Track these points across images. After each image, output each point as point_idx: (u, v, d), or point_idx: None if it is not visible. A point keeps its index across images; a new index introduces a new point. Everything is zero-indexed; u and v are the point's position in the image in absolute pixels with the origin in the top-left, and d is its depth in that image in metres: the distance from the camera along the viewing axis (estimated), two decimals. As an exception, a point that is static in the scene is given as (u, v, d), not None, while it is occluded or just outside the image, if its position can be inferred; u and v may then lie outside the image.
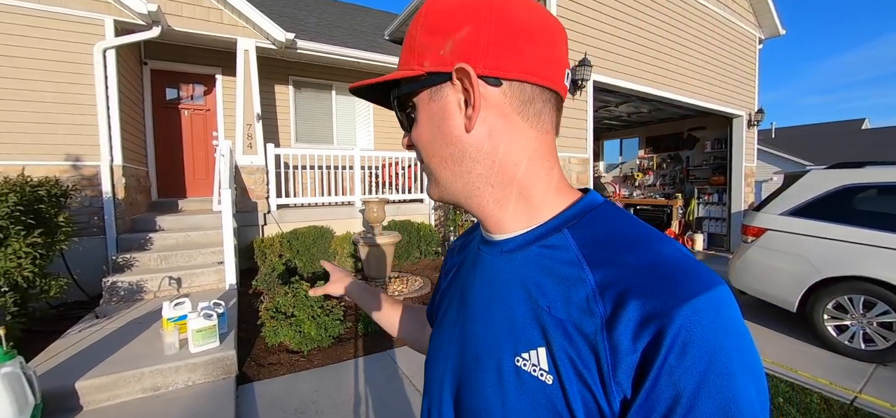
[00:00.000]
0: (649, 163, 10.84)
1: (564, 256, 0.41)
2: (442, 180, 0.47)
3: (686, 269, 0.36)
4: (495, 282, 0.46)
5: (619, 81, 5.40)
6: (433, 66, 0.43)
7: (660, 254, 0.37)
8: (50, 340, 3.28)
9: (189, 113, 6.68)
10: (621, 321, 0.35)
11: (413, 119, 0.47)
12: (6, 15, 4.32)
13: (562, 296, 0.39)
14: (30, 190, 3.30)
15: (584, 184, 5.21)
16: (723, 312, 0.34)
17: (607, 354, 0.35)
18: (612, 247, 0.40)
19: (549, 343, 0.39)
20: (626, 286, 0.36)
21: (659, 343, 0.33)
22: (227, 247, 4.49)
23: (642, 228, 0.41)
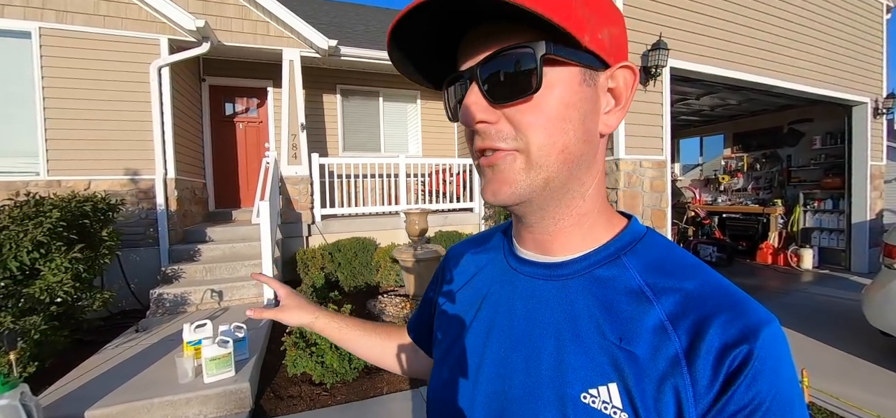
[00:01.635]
0: (738, 163, 9.33)
1: (627, 285, 0.40)
2: (554, 180, 0.39)
3: (745, 297, 0.37)
4: (544, 308, 0.42)
5: (703, 67, 4.48)
6: (594, 45, 0.36)
7: (717, 281, 0.38)
8: (94, 350, 3.32)
9: (243, 125, 6.87)
10: (701, 352, 0.34)
11: (532, 89, 0.36)
12: (73, 40, 4.61)
13: (632, 328, 0.37)
14: (76, 205, 3.36)
15: (658, 191, 4.38)
16: (785, 343, 0.35)
17: (689, 388, 0.34)
18: (672, 274, 0.39)
19: (623, 378, 0.36)
20: (698, 315, 0.36)
21: (740, 370, 0.33)
22: (265, 260, 4.37)
23: (688, 255, 0.41)
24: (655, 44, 4.01)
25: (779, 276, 6.76)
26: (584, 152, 0.39)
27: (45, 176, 4.55)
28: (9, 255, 2.91)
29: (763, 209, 8.27)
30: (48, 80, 4.55)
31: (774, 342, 0.34)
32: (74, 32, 4.61)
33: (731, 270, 7.14)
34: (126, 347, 3.29)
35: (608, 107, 0.40)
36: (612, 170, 4.19)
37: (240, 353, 2.90)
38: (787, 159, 8.39)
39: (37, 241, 2.97)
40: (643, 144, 4.23)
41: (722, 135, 9.72)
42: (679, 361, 0.35)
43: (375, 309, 4.62)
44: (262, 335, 3.50)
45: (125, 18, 4.77)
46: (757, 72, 4.98)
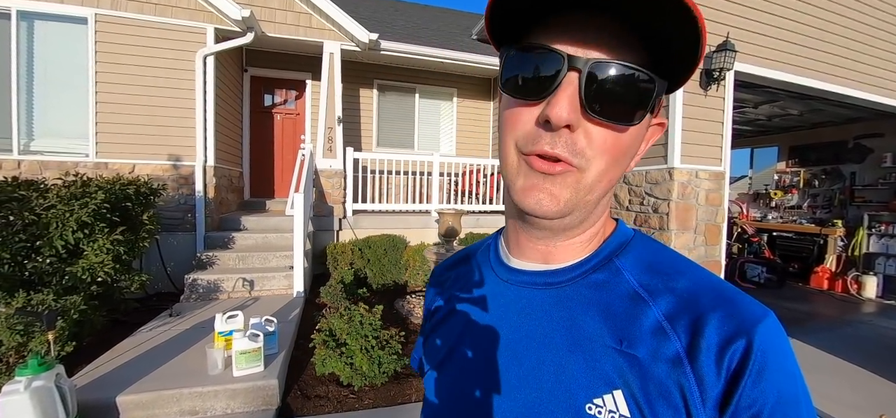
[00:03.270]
0: (793, 178, 8.66)
1: (621, 289, 0.39)
2: (591, 204, 0.39)
3: (739, 292, 0.37)
4: (544, 318, 0.41)
5: (771, 72, 4.09)
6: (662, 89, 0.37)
7: (708, 278, 0.38)
8: (129, 331, 3.36)
9: (281, 117, 6.94)
10: (702, 349, 0.34)
11: (628, 117, 0.35)
12: (125, 26, 4.74)
13: (631, 330, 0.37)
14: (119, 188, 3.41)
15: (714, 205, 4.04)
16: (785, 337, 0.35)
17: (694, 388, 0.33)
18: (663, 274, 0.39)
19: (627, 383, 0.35)
20: (695, 312, 0.35)
21: (743, 366, 0.33)
22: (297, 252, 4.34)
23: (676, 254, 0.41)
24: (721, 45, 3.67)
25: (836, 304, 6.19)
26: (615, 183, 0.40)
27: (93, 158, 4.70)
28: (55, 234, 2.97)
29: (820, 229, 7.62)
30: (101, 64, 4.69)
31: (774, 335, 0.34)
32: (127, 19, 4.74)
33: (781, 294, 6.61)
34: (159, 331, 3.31)
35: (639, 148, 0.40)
36: (664, 180, 3.89)
37: (269, 347, 2.84)
38: (850, 176, 7.70)
39: (82, 222, 3.02)
40: (700, 153, 3.90)
41: (776, 147, 9.06)
42: (681, 360, 0.34)
43: (403, 309, 4.50)
44: (291, 329, 3.45)
45: (175, 7, 4.87)
46: (829, 80, 4.53)
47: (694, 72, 0.34)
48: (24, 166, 4.53)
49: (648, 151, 2.83)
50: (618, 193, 4.46)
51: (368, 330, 2.80)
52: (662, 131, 0.42)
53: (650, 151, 4.05)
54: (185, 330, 3.35)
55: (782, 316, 4.69)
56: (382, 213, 6.13)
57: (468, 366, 0.45)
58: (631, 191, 4.33)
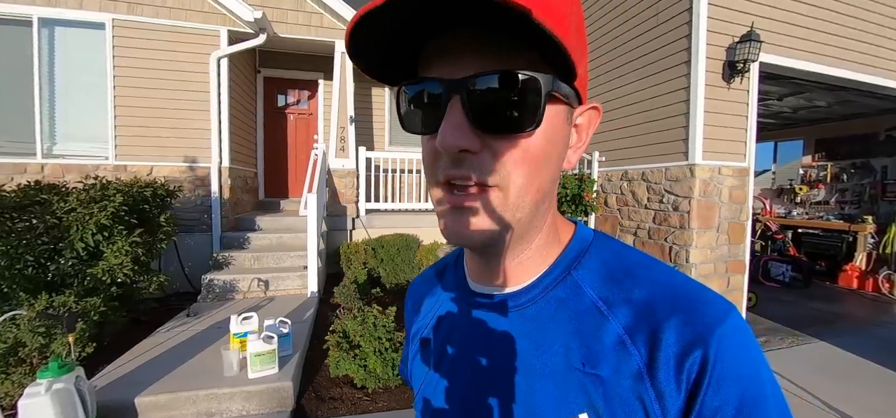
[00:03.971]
0: (820, 173, 8.34)
1: (581, 304, 0.38)
2: (525, 219, 0.36)
3: (700, 295, 0.35)
4: (508, 343, 0.40)
5: (798, 63, 3.91)
6: (580, 81, 0.34)
7: (667, 282, 0.36)
8: (148, 331, 3.42)
9: (294, 117, 6.98)
10: (661, 363, 0.33)
11: (524, 123, 0.32)
12: (141, 31, 4.81)
13: (593, 349, 0.35)
14: (137, 190, 3.46)
15: (739, 202, 3.89)
16: (745, 336, 0.33)
17: (654, 402, 0.33)
18: (620, 284, 0.37)
19: (593, 404, 0.34)
20: (651, 325, 0.34)
21: (700, 377, 0.32)
22: (311, 253, 4.36)
23: (636, 255, 0.39)
24: (745, 35, 3.52)
25: (867, 304, 5.94)
26: (551, 190, 0.38)
27: (113, 160, 4.80)
28: (75, 237, 3.02)
29: (849, 226, 7.31)
30: (119, 68, 4.78)
31: (733, 337, 0.33)
32: (143, 24, 4.81)
33: (808, 293, 6.37)
34: (177, 332, 3.35)
35: (572, 142, 0.38)
36: (685, 176, 3.76)
37: (283, 349, 2.84)
38: (881, 171, 7.36)
39: (101, 224, 3.07)
40: (723, 149, 3.76)
41: (801, 140, 8.74)
42: (642, 376, 0.33)
43: (417, 309, 4.47)
44: (305, 330, 3.46)
45: (189, 10, 4.92)
46: (861, 69, 4.31)
47: (570, 63, 0.30)
48: (47, 169, 4.65)
49: (667, 148, 2.81)
50: (635, 191, 4.35)
51: (382, 332, 2.77)
52: (599, 114, 0.39)
53: (669, 147, 3.92)
54: (202, 330, 3.38)
55: (810, 318, 4.44)
56: (395, 213, 6.12)
57: (441, 396, 0.44)
58: (650, 188, 4.20)
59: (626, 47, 4.46)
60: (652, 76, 4.11)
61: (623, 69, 4.53)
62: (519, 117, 0.32)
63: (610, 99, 4.77)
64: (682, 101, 3.77)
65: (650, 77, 4.13)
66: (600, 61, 4.97)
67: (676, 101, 3.83)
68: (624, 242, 0.42)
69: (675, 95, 3.85)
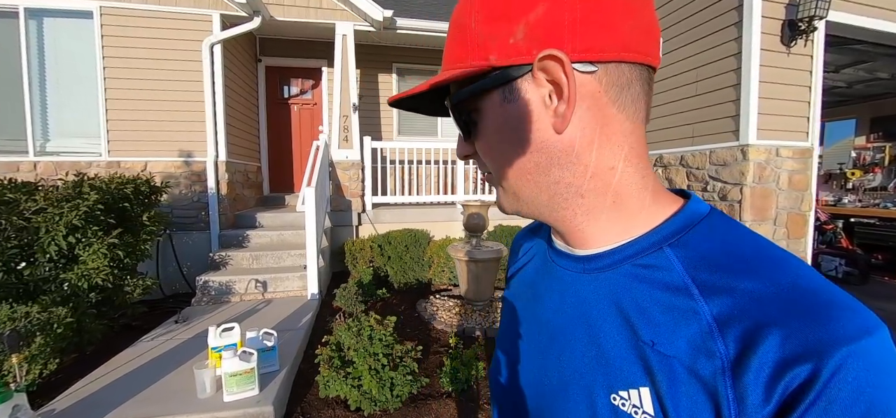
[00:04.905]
0: (877, 155, 7.49)
1: (667, 280, 0.34)
2: (523, 195, 0.40)
3: (834, 302, 0.28)
4: (578, 302, 0.40)
5: (873, 22, 3.27)
6: (503, 58, 0.35)
7: (794, 280, 0.30)
8: (138, 336, 3.17)
9: (298, 107, 6.65)
10: (751, 366, 0.28)
11: (474, 125, 0.40)
12: (130, 18, 4.53)
13: (668, 329, 0.33)
14: (116, 187, 3.17)
15: (800, 189, 3.31)
16: (886, 360, 0.27)
17: (732, 405, 0.29)
18: (728, 269, 0.32)
19: (655, 383, 0.32)
20: (755, 321, 0.29)
21: (802, 395, 0.26)
22: (310, 252, 4.01)
23: (763, 244, 0.34)
24: (810, -13, 2.94)
25: (939, 301, 5.20)
26: (541, 161, 0.37)
27: (106, 157, 4.56)
28: (46, 239, 2.74)
29: (912, 213, 6.50)
30: (108, 59, 4.52)
31: (864, 359, 0.26)
32: (131, 10, 4.53)
33: (868, 291, 5.66)
34: (162, 340, 3.06)
35: (554, 102, 0.35)
36: (735, 160, 3.21)
37: (268, 365, 2.50)
38: (951, 150, 6.52)
39: (72, 225, 2.78)
40: (781, 125, 3.18)
41: (853, 119, 7.89)
42: (723, 373, 0.29)
43: (426, 312, 4.08)
44: (300, 339, 3.11)
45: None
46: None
47: (460, 77, 0.36)
48: (40, 168, 4.46)
49: (712, 126, 2.59)
50: (672, 178, 3.81)
51: (378, 346, 2.38)
52: (557, 62, 0.33)
53: (715, 125, 3.37)
54: (188, 339, 3.08)
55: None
56: (404, 206, 5.73)
57: (521, 338, 0.47)
58: (690, 174, 3.66)
59: (662, 11, 3.89)
60: (692, 43, 3.55)
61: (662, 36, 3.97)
62: (465, 129, 0.41)
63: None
64: (731, 71, 3.21)
65: (690, 45, 3.57)
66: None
67: (724, 71, 3.27)
68: (755, 232, 0.35)
69: (721, 64, 3.29)
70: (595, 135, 0.35)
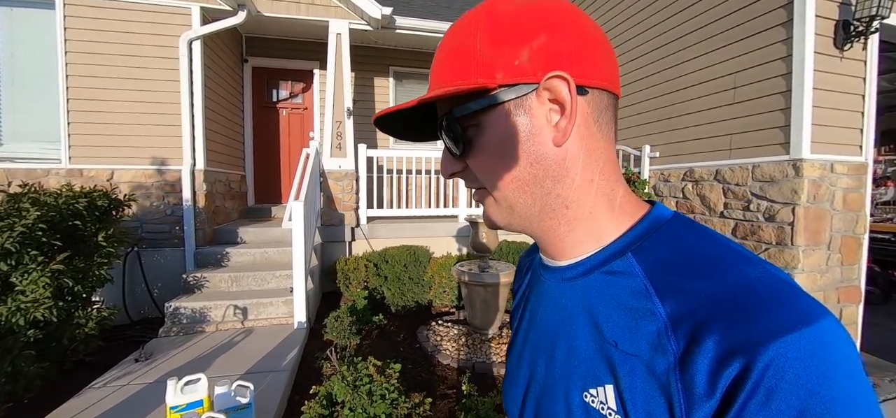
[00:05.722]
0: (888, 168, 7.28)
1: (630, 285, 0.37)
2: (518, 206, 0.42)
3: (778, 296, 0.30)
4: (559, 310, 0.44)
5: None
6: (509, 77, 0.38)
7: (742, 278, 0.32)
8: (90, 377, 2.66)
9: (287, 112, 6.18)
10: (696, 360, 0.30)
11: (470, 142, 0.42)
12: (98, 9, 4.05)
13: (629, 329, 0.36)
14: (64, 202, 2.67)
15: (854, 209, 2.95)
16: (825, 349, 0.27)
17: (680, 397, 0.31)
18: (682, 271, 0.35)
19: (617, 380, 0.35)
20: (701, 318, 0.31)
21: (740, 385, 0.28)
22: (297, 274, 3.53)
23: (720, 246, 0.36)
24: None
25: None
26: (538, 173, 0.40)
27: (66, 164, 4.04)
28: (-31, 266, 2.24)
29: (931, 230, 6.24)
30: (72, 55, 4.02)
31: (799, 349, 0.27)
32: (100, 1, 4.03)
33: (889, 312, 5.36)
34: (117, 386, 2.56)
35: (555, 119, 0.38)
36: (785, 176, 2.83)
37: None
38: (969, 165, 6.29)
39: (3, 250, 2.27)
40: (835, 138, 2.83)
41: (864, 131, 7.65)
42: (674, 367, 0.31)
43: (429, 341, 3.62)
44: (282, 383, 2.63)
45: (155, -16, 4.14)
46: None
47: (461, 93, 0.38)
48: (-12, 175, 3.91)
49: (756, 138, 1.97)
50: (706, 195, 3.43)
51: (381, 407, 1.92)
52: (564, 81, 0.37)
53: (759, 137, 3.00)
54: (148, 385, 2.58)
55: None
56: (401, 220, 5.28)
57: (520, 349, 0.51)
58: (728, 190, 3.27)
59: (693, 9, 3.53)
60: (728, 46, 3.19)
61: (687, 40, 3.60)
62: (456, 145, 0.42)
63: (667, 78, 3.85)
64: (778, 76, 2.85)
65: (726, 48, 3.21)
66: (651, 34, 4.06)
67: (769, 77, 2.90)
68: (717, 233, 0.38)
69: (766, 68, 2.93)
70: (581, 152, 0.40)
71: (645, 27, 4.16)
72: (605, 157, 0.41)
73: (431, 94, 0.38)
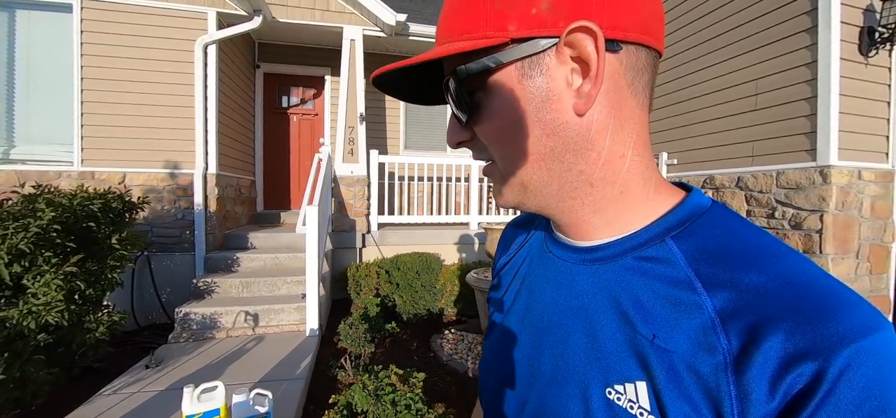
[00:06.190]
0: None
1: (670, 273, 0.33)
2: (532, 184, 0.37)
3: (839, 298, 0.27)
4: (576, 294, 0.38)
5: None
6: (524, 29, 0.32)
7: (799, 275, 0.29)
8: (100, 384, 2.60)
9: (297, 118, 6.18)
10: (755, 362, 0.27)
11: (478, 107, 0.36)
12: (114, 13, 4.06)
13: (669, 323, 0.31)
14: (79, 203, 2.63)
15: (882, 216, 2.89)
16: (893, 359, 0.25)
17: (733, 401, 0.27)
18: (731, 263, 0.31)
19: (652, 377, 0.31)
20: (759, 316, 0.28)
21: (810, 392, 0.25)
22: (310, 280, 3.47)
23: (767, 238, 0.32)
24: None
25: None
26: (555, 146, 0.34)
27: (78, 166, 4.02)
28: (-18, 267, 2.19)
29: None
30: (87, 58, 4.02)
31: (873, 357, 0.25)
32: (116, 4, 4.05)
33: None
34: (126, 394, 2.49)
35: (577, 81, 0.32)
36: (812, 183, 2.78)
37: (260, 437, 1.94)
38: None
39: (17, 251, 2.23)
40: (861, 145, 2.77)
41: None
42: (725, 368, 0.28)
43: (443, 350, 3.55)
44: (297, 392, 2.56)
45: (171, -11, 4.16)
46: None
47: (476, 50, 0.33)
48: (1, 177, 3.89)
49: (781, 144, 1.98)
50: (729, 202, 3.36)
51: (407, 416, 1.85)
52: (583, 34, 0.31)
53: (784, 144, 2.95)
54: (159, 393, 2.51)
55: None
56: (412, 227, 5.23)
57: (512, 330, 0.45)
58: (751, 197, 3.21)
59: (716, 15, 3.50)
60: (753, 51, 3.15)
61: (706, 47, 3.57)
62: (462, 109, 0.37)
63: (684, 85, 3.81)
64: (802, 82, 2.81)
65: (750, 53, 3.17)
66: (668, 40, 4.03)
67: (794, 83, 2.86)
68: (757, 225, 0.34)
69: (790, 74, 2.89)
70: (610, 121, 0.34)
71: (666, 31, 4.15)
72: (639, 129, 0.35)
73: (433, 53, 0.34)
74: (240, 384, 2.60)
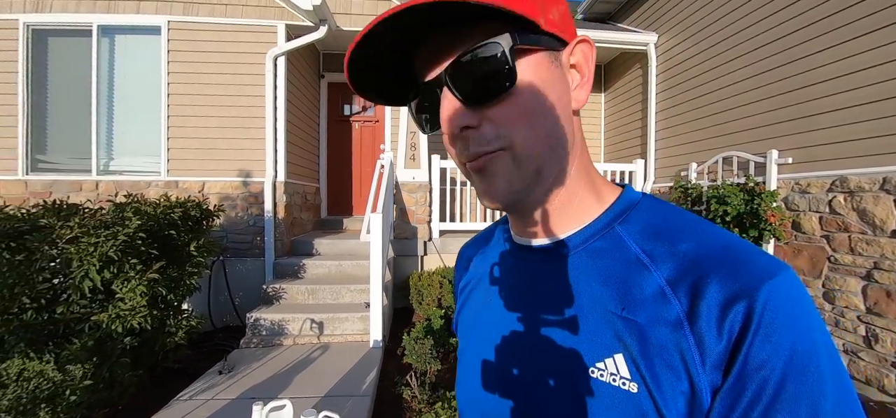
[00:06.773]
0: None
1: (624, 255, 0.38)
2: (545, 170, 0.38)
3: (750, 251, 0.34)
4: (548, 290, 0.41)
5: None
6: (550, 26, 0.36)
7: (717, 238, 0.36)
8: (179, 387, 2.68)
9: (359, 125, 6.24)
10: (702, 312, 0.32)
11: (503, 83, 0.35)
12: (195, 32, 4.30)
13: (632, 297, 0.36)
14: (162, 212, 2.73)
15: None
16: (799, 292, 0.32)
17: (694, 350, 0.32)
18: (668, 238, 0.37)
19: (627, 347, 0.35)
20: (697, 275, 0.34)
21: (746, 326, 0.31)
22: (374, 289, 3.38)
23: (688, 214, 0.40)
24: None
25: None
26: (565, 133, 0.38)
27: (165, 176, 4.30)
28: (78, 273, 2.31)
29: None
30: (173, 76, 4.30)
31: (784, 291, 0.31)
32: (198, 24, 4.30)
33: None
34: (200, 402, 2.51)
35: (575, 83, 0.39)
36: None
37: (327, 464, 1.80)
38: None
39: (107, 257, 2.33)
40: None
41: None
42: (681, 324, 0.33)
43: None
44: (363, 410, 2.42)
45: (245, 5, 4.33)
46: None
47: (521, 16, 0.33)
48: (101, 187, 4.27)
49: None
50: (866, 209, 2.71)
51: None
52: (591, 47, 0.39)
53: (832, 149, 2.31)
54: (229, 402, 2.50)
55: None
56: (473, 234, 4.99)
57: (485, 339, 0.45)
58: None
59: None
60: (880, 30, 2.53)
61: (830, 22, 2.96)
62: (495, 81, 0.34)
63: (798, 70, 3.21)
64: None
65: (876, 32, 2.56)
66: (774, 20, 3.44)
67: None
68: (677, 206, 0.41)
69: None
70: (578, 124, 0.41)
71: (765, 13, 3.54)
72: (582, 135, 0.42)
73: None
74: (306, 397, 2.53)
